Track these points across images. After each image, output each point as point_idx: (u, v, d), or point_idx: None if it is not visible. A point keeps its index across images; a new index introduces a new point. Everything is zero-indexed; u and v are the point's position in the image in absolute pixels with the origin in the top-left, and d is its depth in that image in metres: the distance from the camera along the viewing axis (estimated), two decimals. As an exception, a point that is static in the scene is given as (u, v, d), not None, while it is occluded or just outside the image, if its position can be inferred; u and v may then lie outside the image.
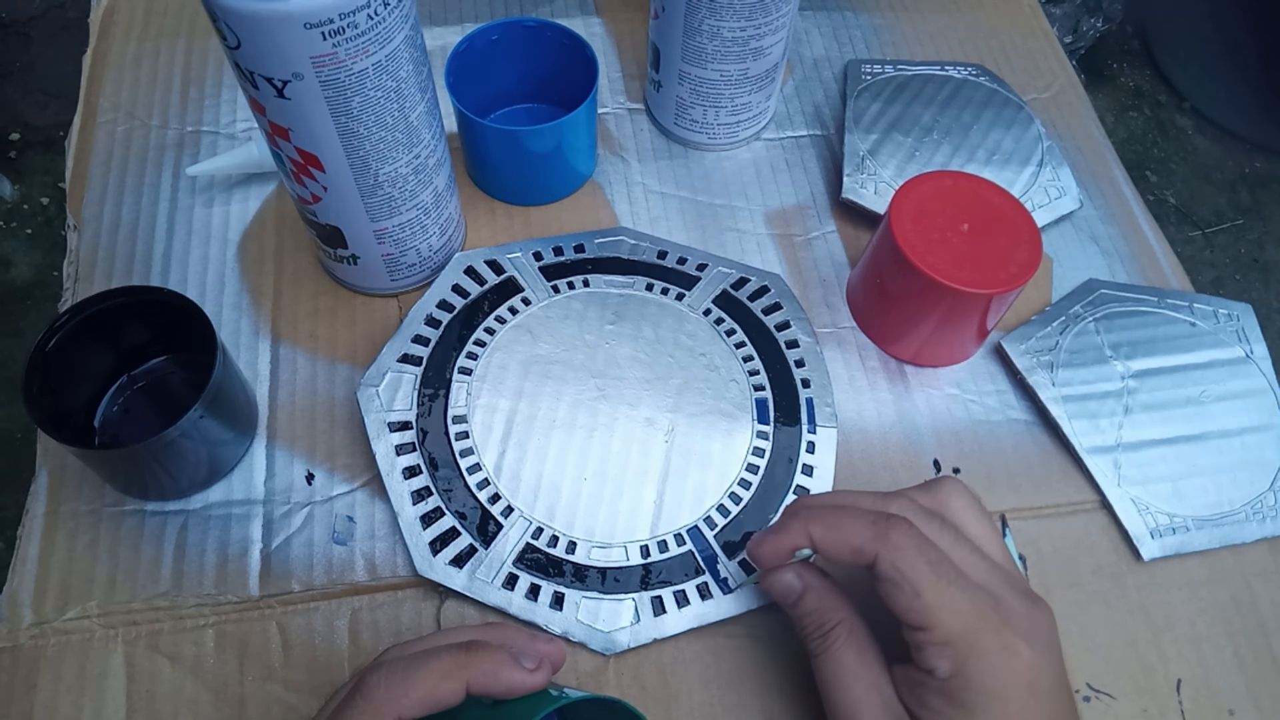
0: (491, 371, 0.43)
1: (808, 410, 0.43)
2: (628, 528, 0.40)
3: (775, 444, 0.43)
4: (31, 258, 1.32)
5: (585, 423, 0.42)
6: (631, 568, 0.39)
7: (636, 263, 0.47)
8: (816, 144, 0.55)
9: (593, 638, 0.38)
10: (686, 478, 0.41)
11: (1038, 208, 0.51)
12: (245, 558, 0.40)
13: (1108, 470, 0.43)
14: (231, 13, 0.32)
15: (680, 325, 0.45)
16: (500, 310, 0.45)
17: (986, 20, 0.62)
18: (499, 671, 0.29)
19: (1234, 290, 1.40)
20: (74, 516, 0.40)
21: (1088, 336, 0.47)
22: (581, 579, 0.39)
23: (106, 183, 0.51)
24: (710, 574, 0.39)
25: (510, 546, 0.39)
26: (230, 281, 0.47)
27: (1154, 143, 1.57)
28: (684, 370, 0.44)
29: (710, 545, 0.40)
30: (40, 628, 0.38)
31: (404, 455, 0.41)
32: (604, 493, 0.41)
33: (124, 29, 0.57)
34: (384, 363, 0.42)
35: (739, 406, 0.43)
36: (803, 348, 0.45)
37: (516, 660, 0.29)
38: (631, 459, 0.41)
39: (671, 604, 0.38)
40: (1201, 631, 0.40)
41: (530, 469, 0.41)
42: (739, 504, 0.41)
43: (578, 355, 0.44)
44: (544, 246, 0.47)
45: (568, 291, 0.46)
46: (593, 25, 0.59)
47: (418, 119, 0.39)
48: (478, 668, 0.29)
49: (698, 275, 0.47)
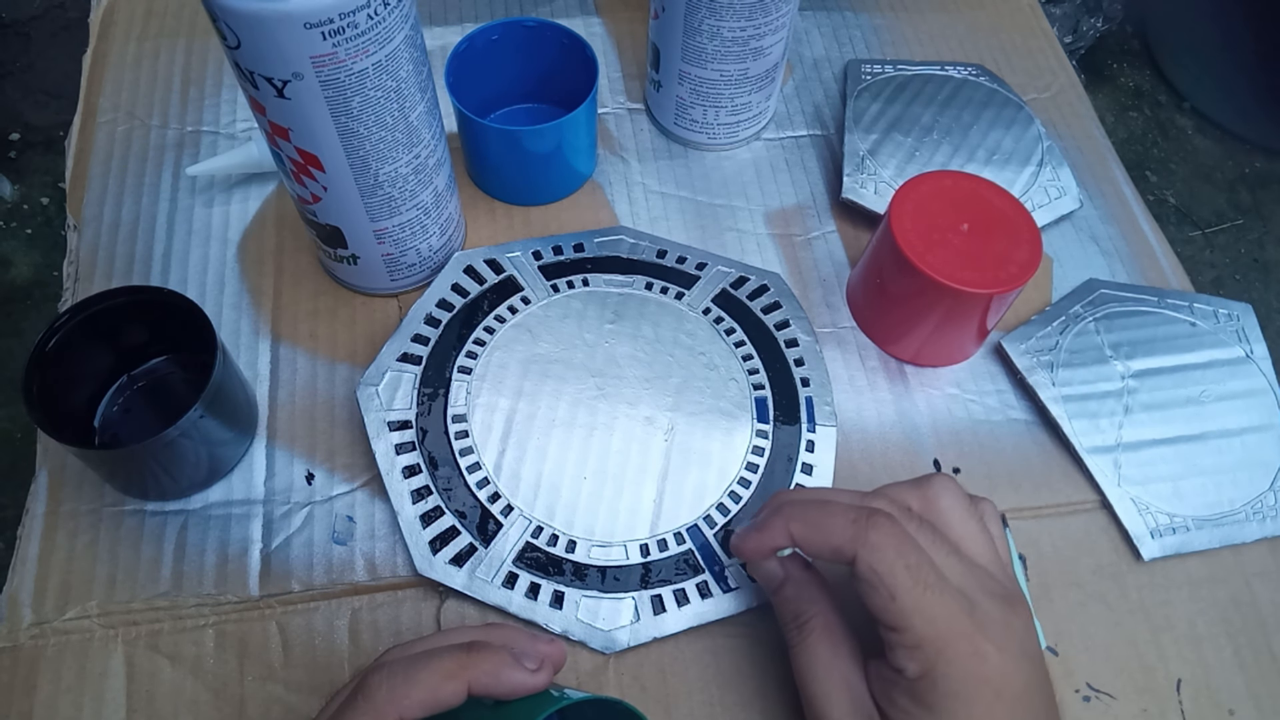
0: (491, 370, 0.43)
1: (807, 409, 0.43)
2: (627, 526, 0.40)
3: (775, 443, 0.43)
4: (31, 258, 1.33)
5: (585, 421, 0.42)
6: (631, 566, 0.39)
7: (636, 262, 0.47)
8: (816, 144, 0.55)
9: (592, 636, 0.38)
10: (686, 476, 0.41)
11: (1038, 208, 0.51)
12: (245, 558, 0.40)
13: (1108, 470, 0.43)
14: (231, 12, 0.32)
15: (680, 324, 0.45)
16: (500, 309, 0.45)
17: (986, 20, 0.62)
18: (500, 672, 0.29)
19: (1234, 290, 1.40)
20: (74, 516, 0.40)
21: (1088, 336, 0.47)
22: (581, 578, 0.39)
23: (106, 183, 0.51)
24: (710, 573, 0.39)
25: (510, 545, 0.39)
26: (230, 281, 0.47)
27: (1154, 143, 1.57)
28: (683, 369, 0.44)
29: (710, 543, 0.40)
30: (40, 628, 0.38)
31: (404, 454, 0.41)
32: (604, 491, 0.41)
33: (124, 29, 0.57)
34: (384, 362, 0.42)
35: (738, 405, 0.43)
36: (802, 346, 0.45)
37: (518, 661, 0.29)
38: (631, 458, 0.41)
39: (671, 602, 0.38)
40: (1201, 631, 0.40)
41: (530, 468, 0.41)
42: (739, 502, 0.41)
43: (577, 354, 0.44)
44: (543, 246, 0.47)
45: (567, 291, 0.46)
46: (593, 25, 0.59)
47: (418, 119, 0.39)
48: (479, 668, 0.29)
49: (697, 274, 0.47)
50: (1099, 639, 0.40)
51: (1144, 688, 0.39)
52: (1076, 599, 0.41)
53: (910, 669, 0.29)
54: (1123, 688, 0.39)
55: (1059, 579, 0.41)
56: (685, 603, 0.38)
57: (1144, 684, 0.39)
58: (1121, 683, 0.39)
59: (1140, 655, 0.40)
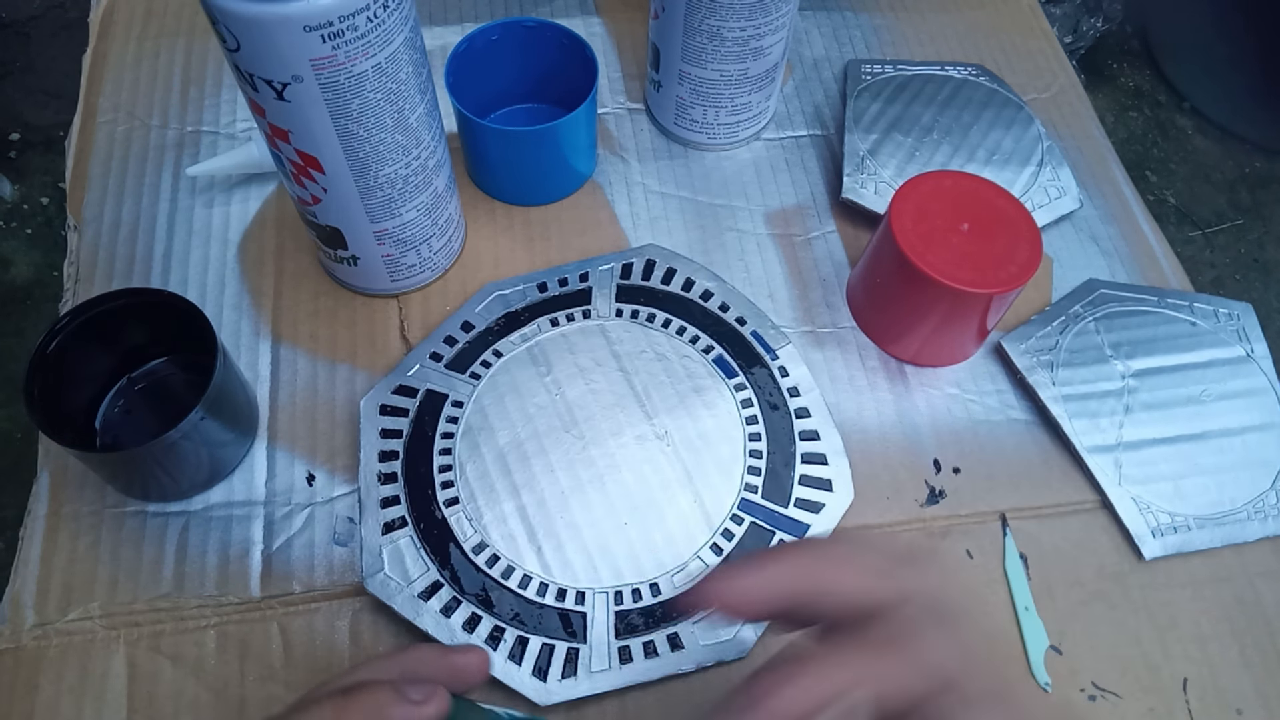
0: (475, 488, 0.41)
1: (759, 342, 0.45)
2: (688, 539, 0.40)
3: (755, 387, 0.44)
4: (31, 258, 1.32)
5: (589, 475, 0.41)
6: (714, 571, 0.39)
7: (524, 309, 0.46)
8: (816, 144, 0.55)
9: (725, 651, 0.37)
10: (706, 463, 0.42)
11: (1038, 208, 0.51)
12: (246, 559, 0.40)
13: (1108, 469, 0.43)
14: (231, 16, 0.32)
15: (605, 338, 0.45)
16: (441, 426, 0.42)
17: (986, 20, 0.62)
18: (383, 713, 0.26)
19: (1234, 290, 1.40)
20: (75, 518, 0.40)
21: (1088, 336, 0.47)
22: (682, 610, 0.38)
23: (106, 183, 0.51)
24: (784, 534, 0.40)
25: (605, 628, 0.38)
26: (230, 282, 0.47)
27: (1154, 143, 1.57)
28: (638, 375, 0.44)
29: (763, 505, 0.41)
30: (42, 629, 0.38)
31: (455, 614, 0.38)
32: (648, 524, 0.40)
33: (124, 29, 0.57)
34: (370, 544, 0.39)
35: (705, 375, 0.44)
36: (717, 293, 0.46)
37: (401, 694, 0.26)
38: (650, 480, 0.41)
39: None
40: (1206, 630, 0.40)
41: (573, 548, 0.39)
42: (761, 457, 0.42)
43: (538, 423, 0.42)
44: (432, 347, 0.44)
45: (485, 372, 0.44)
46: (593, 25, 0.59)
47: (417, 120, 0.39)
48: (357, 713, 0.26)
49: (586, 285, 0.46)
50: (1103, 638, 0.40)
51: (1150, 687, 0.39)
52: (1078, 598, 0.41)
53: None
54: (1129, 687, 0.39)
55: (1060, 579, 0.41)
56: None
57: (1150, 683, 0.39)
58: (1127, 682, 0.39)
59: (1145, 655, 0.40)
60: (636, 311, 0.46)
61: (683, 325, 0.45)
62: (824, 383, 0.45)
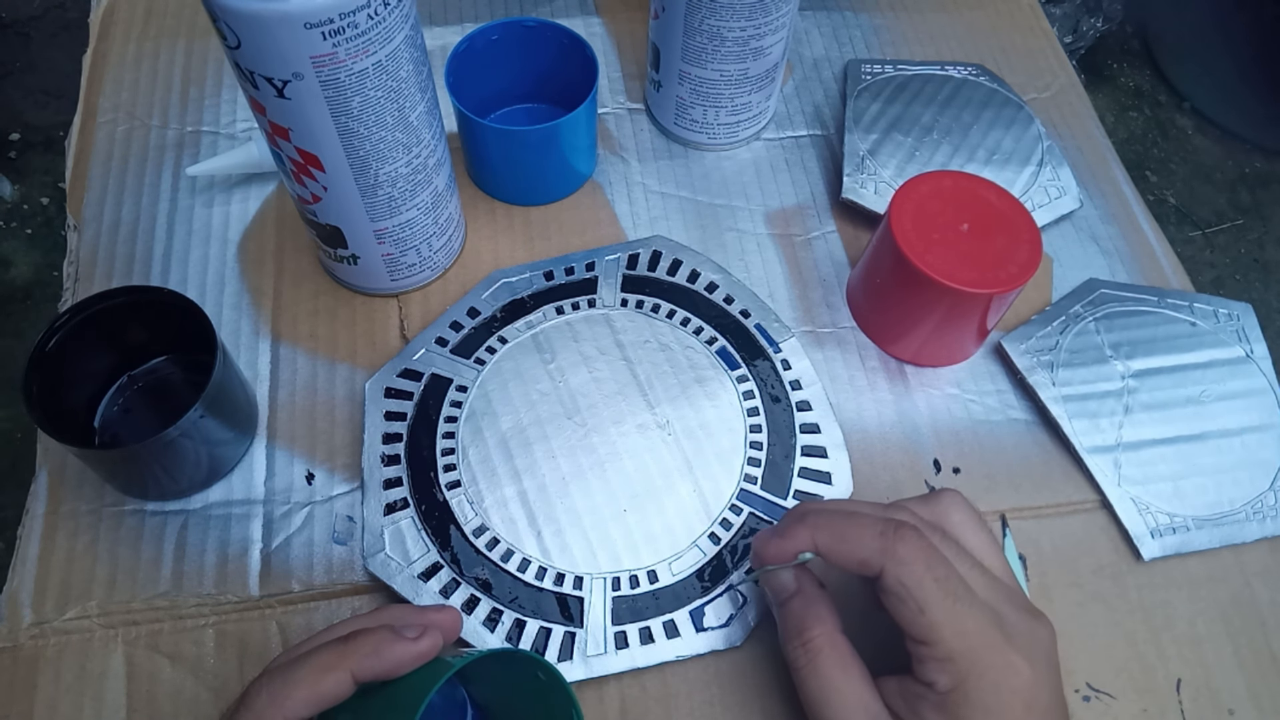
0: (477, 470, 0.41)
1: (762, 335, 0.45)
2: (687, 528, 0.40)
3: (757, 380, 0.44)
4: (31, 258, 1.33)
5: (590, 462, 0.41)
6: (712, 559, 0.39)
7: (531, 296, 0.46)
8: (816, 144, 0.55)
9: (726, 637, 0.38)
10: (706, 454, 0.42)
11: (1038, 208, 0.51)
12: (245, 557, 0.40)
13: (1108, 470, 0.43)
14: (231, 12, 0.32)
15: (609, 327, 0.45)
16: (445, 410, 0.42)
17: (986, 20, 0.62)
18: (381, 650, 0.28)
19: (1234, 290, 1.40)
20: (74, 516, 0.40)
21: (1088, 336, 0.47)
22: (679, 597, 0.39)
23: (106, 183, 0.51)
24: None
25: (602, 612, 0.38)
26: (230, 281, 0.47)
27: (1154, 143, 1.57)
28: (641, 364, 0.44)
29: (760, 495, 0.41)
30: (40, 628, 0.38)
31: (455, 593, 0.38)
32: (647, 511, 0.40)
33: (124, 29, 0.57)
34: (372, 524, 0.39)
35: (708, 366, 0.44)
36: (722, 286, 0.46)
37: (398, 633, 0.28)
38: (650, 468, 0.41)
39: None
40: (1201, 631, 0.40)
41: (573, 532, 0.40)
42: (761, 448, 0.42)
43: (541, 409, 0.42)
44: (438, 332, 0.45)
45: (490, 358, 0.44)
46: (593, 25, 0.59)
47: (418, 119, 0.39)
48: (358, 653, 0.28)
49: (592, 275, 0.47)
50: (1099, 639, 0.40)
51: (1144, 688, 0.39)
52: (1076, 599, 0.41)
53: (941, 682, 0.29)
54: (1122, 688, 0.39)
55: (1059, 579, 0.41)
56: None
57: (1144, 684, 0.39)
58: (1121, 683, 0.39)
59: (1140, 655, 0.40)
60: (641, 301, 0.46)
61: (687, 316, 0.45)
62: (824, 382, 0.45)
